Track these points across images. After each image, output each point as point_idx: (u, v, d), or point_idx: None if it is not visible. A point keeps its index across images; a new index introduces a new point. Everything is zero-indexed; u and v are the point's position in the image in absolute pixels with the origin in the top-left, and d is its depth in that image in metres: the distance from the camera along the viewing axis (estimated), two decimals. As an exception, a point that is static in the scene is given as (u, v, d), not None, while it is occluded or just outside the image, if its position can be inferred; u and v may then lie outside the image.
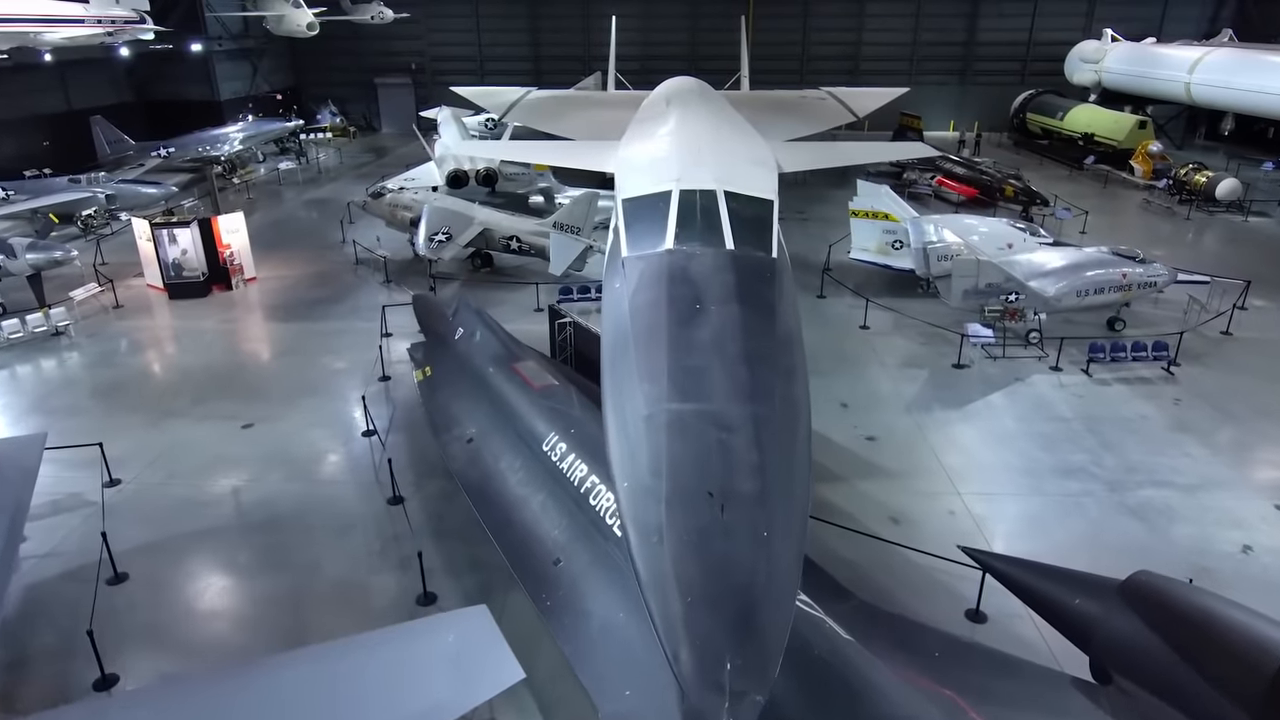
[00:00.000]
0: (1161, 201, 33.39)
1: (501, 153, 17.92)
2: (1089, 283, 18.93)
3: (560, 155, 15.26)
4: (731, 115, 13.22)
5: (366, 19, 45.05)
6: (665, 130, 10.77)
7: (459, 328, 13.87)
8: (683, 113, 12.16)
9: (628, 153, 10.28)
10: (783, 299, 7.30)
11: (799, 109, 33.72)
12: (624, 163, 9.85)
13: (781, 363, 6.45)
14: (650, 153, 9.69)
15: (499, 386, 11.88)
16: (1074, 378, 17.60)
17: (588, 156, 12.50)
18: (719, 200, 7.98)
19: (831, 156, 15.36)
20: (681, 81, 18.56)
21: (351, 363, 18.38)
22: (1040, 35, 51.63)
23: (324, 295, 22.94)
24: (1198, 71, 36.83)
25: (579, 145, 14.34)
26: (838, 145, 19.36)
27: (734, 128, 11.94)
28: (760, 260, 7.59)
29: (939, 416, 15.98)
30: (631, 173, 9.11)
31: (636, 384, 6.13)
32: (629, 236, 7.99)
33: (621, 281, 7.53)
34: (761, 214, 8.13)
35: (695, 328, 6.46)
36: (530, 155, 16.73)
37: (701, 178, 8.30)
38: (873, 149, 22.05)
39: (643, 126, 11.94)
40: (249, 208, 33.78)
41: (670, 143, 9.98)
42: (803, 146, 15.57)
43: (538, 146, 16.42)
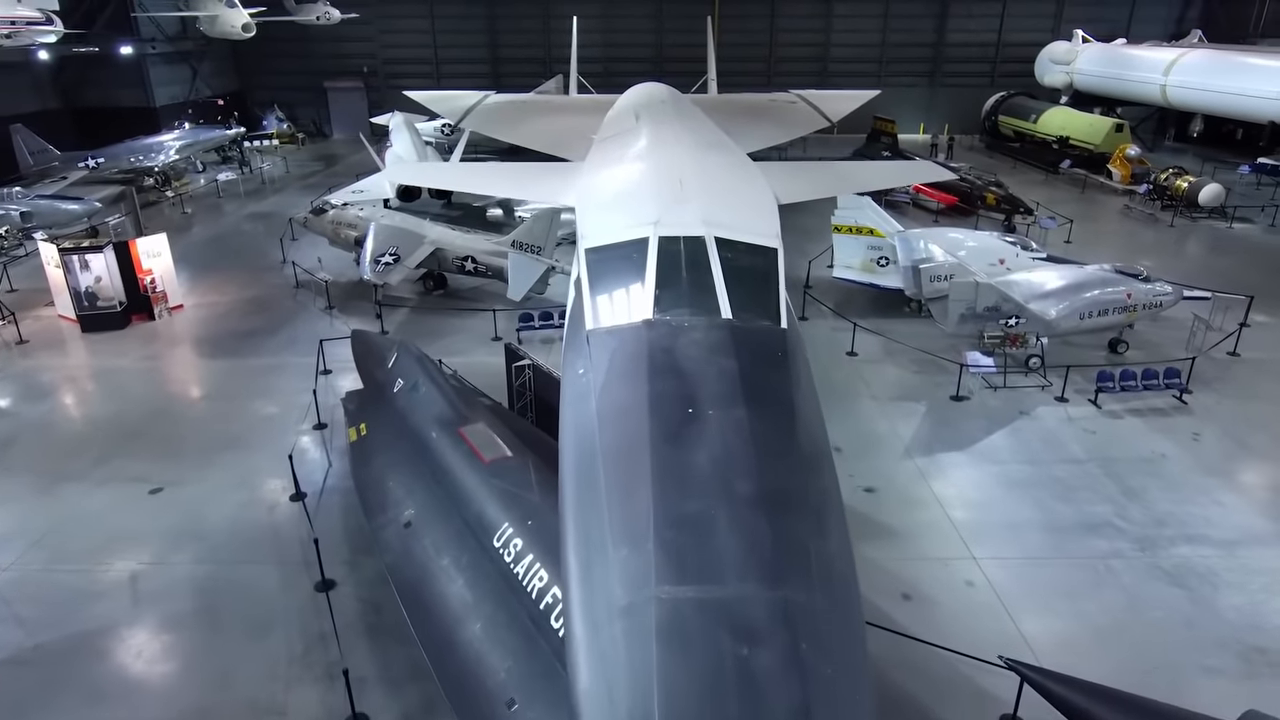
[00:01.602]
0: (1142, 208, 32.47)
1: (445, 181, 15.17)
2: (1092, 304, 17.55)
3: (512, 184, 13.28)
4: (713, 132, 11.48)
5: (312, 19, 42.59)
6: (636, 153, 9.01)
7: (398, 378, 11.93)
8: (656, 130, 10.41)
9: (592, 183, 8.48)
10: (802, 391, 5.54)
11: (770, 114, 32.10)
12: (588, 197, 8.05)
13: (813, 502, 4.68)
14: (619, 185, 7.94)
15: (443, 456, 9.98)
16: (1082, 409, 16.18)
17: (544, 185, 10.72)
18: (709, 250, 6.23)
19: (834, 182, 13.62)
20: (650, 89, 16.79)
21: (284, 407, 16.31)
22: (1009, 36, 50.88)
23: (258, 325, 20.75)
24: (1173, 73, 36.10)
25: (533, 170, 12.35)
26: (837, 167, 17.45)
27: (719, 149, 10.16)
28: (767, 334, 5.84)
29: (942, 461, 14.41)
30: (597, 211, 7.34)
31: (609, 548, 4.31)
32: (594, 300, 6.18)
33: (586, 366, 5.71)
34: (764, 267, 6.38)
35: (690, 449, 4.67)
36: (478, 184, 14.45)
37: (686, 220, 6.53)
38: (880, 171, 19.13)
39: (608, 147, 10.18)
40: (183, 224, 31.43)
41: (643, 171, 8.22)
42: (799, 170, 13.88)
43: (487, 172, 14.32)
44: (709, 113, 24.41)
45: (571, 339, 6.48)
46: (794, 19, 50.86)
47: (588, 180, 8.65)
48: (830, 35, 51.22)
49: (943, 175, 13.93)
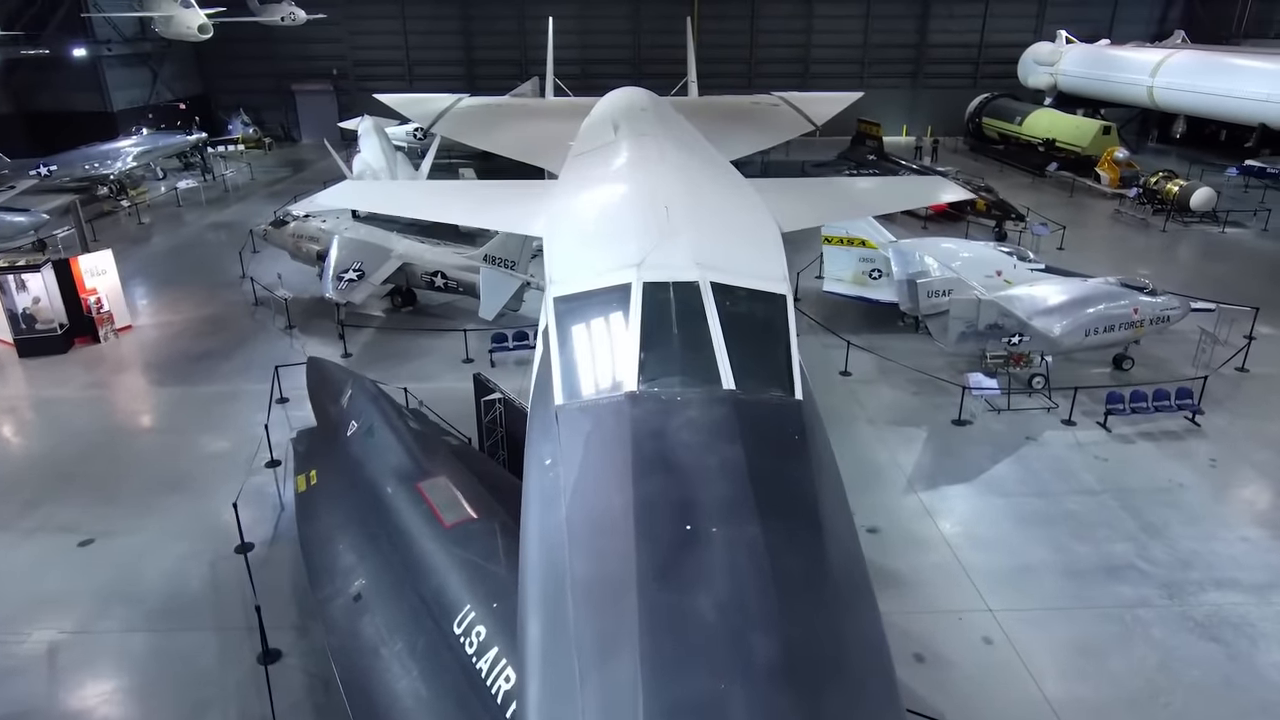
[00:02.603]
0: (1133, 212, 31.79)
1: (393, 205, 13.19)
2: (1097, 319, 16.66)
3: (471, 208, 11.74)
4: (701, 146, 10.38)
5: (276, 20, 41.00)
6: (614, 172, 7.87)
7: (352, 419, 10.71)
8: (637, 144, 9.25)
9: (563, 211, 7.33)
10: (828, 490, 4.41)
11: (754, 118, 31.09)
12: (558, 228, 6.90)
13: (855, 665, 3.55)
14: (595, 213, 6.80)
15: (399, 516, 8.79)
16: (1091, 434, 15.26)
17: (508, 210, 9.54)
18: (705, 299, 5.11)
19: (842, 204, 12.17)
20: (630, 95, 15.63)
21: (236, 441, 15.01)
22: (992, 37, 50.30)
23: (212, 347, 19.38)
24: (1160, 75, 35.54)
25: (497, 192, 11.11)
26: (840, 185, 15.75)
27: (710, 167, 9.03)
28: (780, 409, 4.73)
29: (948, 495, 13.41)
30: (568, 247, 6.21)
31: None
32: (565, 363, 5.03)
33: (554, 455, 4.56)
34: (771, 319, 5.27)
35: (689, 589, 3.54)
36: (432, 208, 12.65)
37: (675, 260, 5.41)
38: (892, 190, 16.48)
39: (583, 165, 9.04)
40: (139, 235, 29.88)
41: (623, 197, 7.07)
42: (799, 190, 12.60)
43: (443, 194, 12.85)
44: (691, 117, 23.28)
45: (538, 413, 5.32)
46: (775, 19, 49.97)
47: (559, 206, 7.51)
48: (811, 36, 50.38)
49: (960, 195, 12.84)
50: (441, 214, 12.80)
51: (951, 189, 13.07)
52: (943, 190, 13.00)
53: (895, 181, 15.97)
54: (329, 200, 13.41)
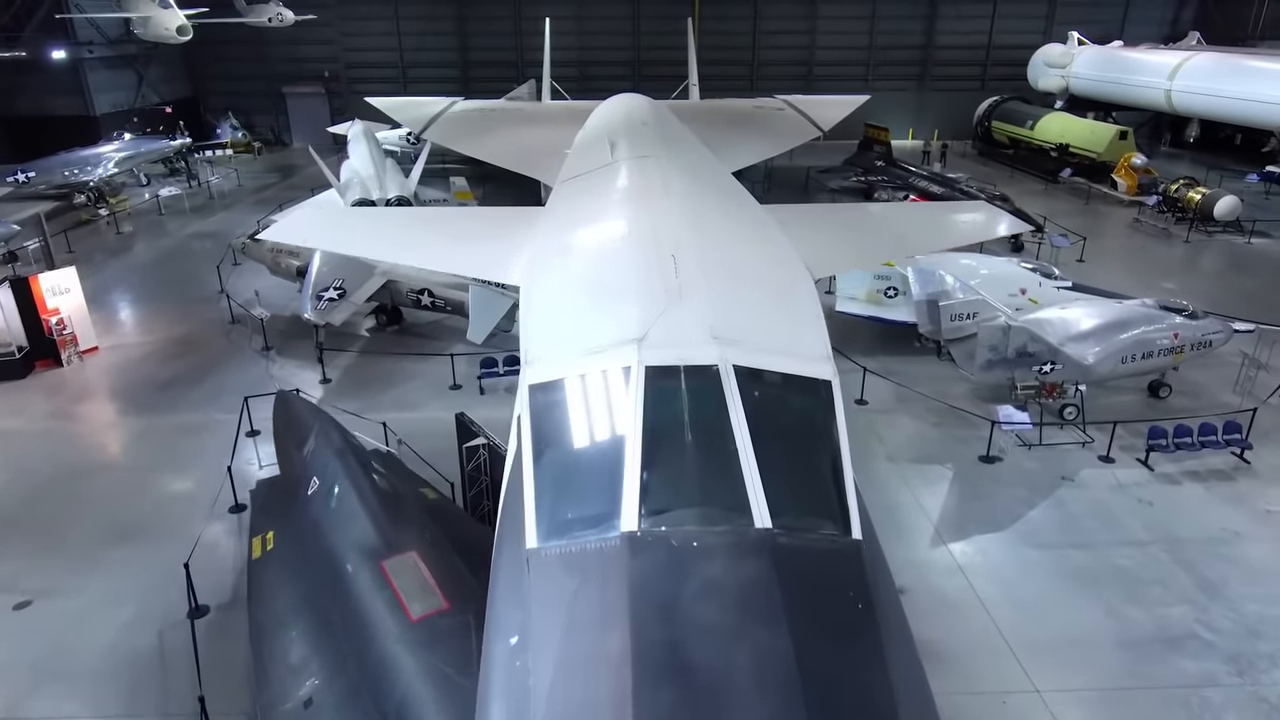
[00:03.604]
0: (1153, 221, 30.52)
1: (344, 241, 10.77)
2: (1134, 345, 15.41)
3: (439, 246, 9.89)
4: (712, 170, 9.08)
5: (263, 21, 39.71)
6: (609, 206, 6.61)
7: (313, 475, 9.46)
8: (637, 171, 7.92)
9: (544, 257, 6.07)
10: (909, 693, 3.17)
11: (757, 122, 29.85)
12: (537, 281, 5.64)
13: None
14: (584, 266, 5.54)
15: (359, 604, 7.53)
16: (1132, 472, 14.01)
17: (482, 250, 8.18)
18: (728, 391, 3.85)
19: (880, 242, 10.35)
20: (628, 104, 14.32)
21: (199, 480, 13.74)
22: (1000, 39, 49.05)
23: (182, 372, 18.10)
24: (1179, 78, 34.29)
25: (471, 224, 9.67)
26: (871, 215, 13.33)
27: (724, 199, 7.73)
28: (835, 559, 3.49)
29: (981, 546, 12.15)
30: (549, 311, 4.97)
31: None
32: (540, 484, 3.77)
33: (521, 629, 3.31)
34: (815, 417, 4.03)
35: None
36: (391, 246, 10.51)
37: (687, 333, 4.16)
38: (934, 222, 12.49)
39: (573, 195, 7.75)
40: (117, 246, 28.62)
41: (620, 242, 5.81)
42: (824, 221, 10.50)
43: (407, 227, 10.63)
44: (692, 123, 21.92)
45: (505, 555, 4.03)
46: (778, 20, 48.71)
47: (540, 251, 6.24)
48: (815, 38, 49.12)
49: (1017, 226, 11.48)
50: (403, 253, 10.73)
51: (1003, 218, 11.55)
52: (995, 221, 11.42)
53: (937, 210, 12.64)
54: (279, 232, 11.46)
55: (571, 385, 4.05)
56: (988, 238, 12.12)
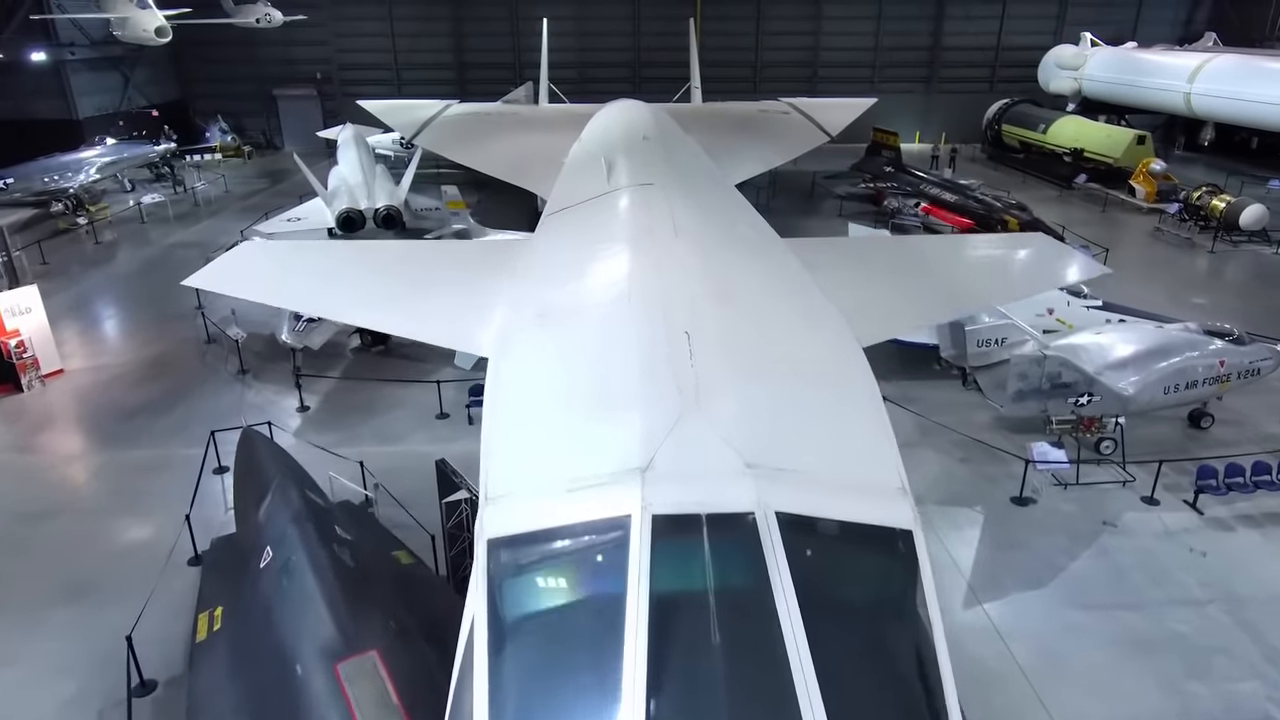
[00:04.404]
0: (1174, 230, 29.31)
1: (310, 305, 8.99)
2: (1177, 374, 14.21)
3: (401, 317, 8.18)
4: (724, 198, 7.87)
5: (251, 22, 38.53)
6: (602, 257, 5.35)
7: (266, 544, 8.25)
8: (639, 205, 6.65)
9: (517, 323, 4.84)
10: None
11: (763, 127, 28.65)
12: (505, 367, 4.40)
13: None
14: (565, 344, 4.30)
15: (307, 715, 6.32)
16: (1179, 516, 12.81)
17: (449, 318, 6.85)
18: (769, 551, 2.68)
19: (936, 299, 8.72)
20: (627, 114, 13.08)
21: (159, 526, 12.53)
22: (1009, 39, 47.87)
23: (150, 398, 16.91)
24: (1199, 80, 33.09)
25: (444, 272, 8.12)
26: (915, 255, 10.47)
27: (743, 238, 6.50)
28: None
29: (1020, 606, 10.95)
30: (518, 423, 3.76)
31: None
32: (497, 692, 2.60)
33: None
34: (892, 584, 2.86)
35: None
36: (350, 311, 8.85)
37: (709, 458, 3.03)
38: (995, 264, 10.57)
39: (559, 237, 6.50)
40: (94, 257, 27.44)
41: (616, 315, 4.56)
42: (864, 265, 8.51)
43: (368, 273, 8.91)
44: (696, 128, 20.63)
45: None
46: (782, 21, 47.53)
47: (513, 318, 4.99)
48: (820, 39, 47.93)
49: (1092, 269, 10.16)
50: (350, 310, 8.69)
51: (1072, 257, 9.99)
52: (1063, 260, 9.84)
53: (991, 248, 11.04)
54: (207, 280, 9.56)
55: (547, 542, 2.89)
56: (1060, 284, 10.61)
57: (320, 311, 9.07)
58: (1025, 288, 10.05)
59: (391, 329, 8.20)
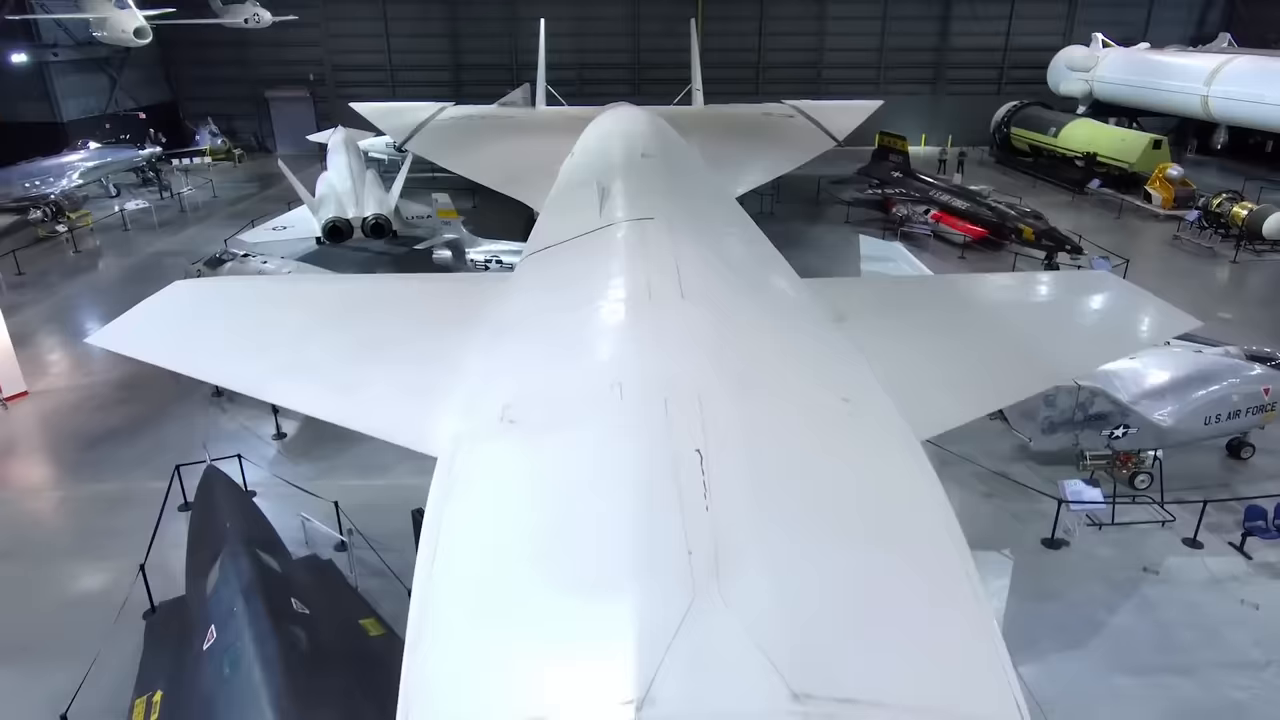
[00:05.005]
0: (1193, 238, 28.27)
1: (224, 376, 8.05)
2: (1218, 403, 13.19)
3: (335, 395, 6.88)
4: (737, 224, 6.82)
5: (239, 22, 37.50)
6: (587, 319, 4.26)
7: (211, 622, 7.22)
8: (636, 244, 5.50)
9: (473, 431, 3.77)
10: None
11: (768, 133, 27.61)
12: (449, 507, 3.35)
13: None
14: (531, 470, 3.26)
15: None
16: (1226, 562, 11.78)
17: (392, 401, 5.73)
18: None
19: (992, 365, 7.10)
20: (626, 123, 12.01)
21: (116, 574, 11.46)
22: (1018, 40, 46.79)
23: (117, 423, 15.88)
24: (1217, 83, 32.10)
25: (399, 327, 6.84)
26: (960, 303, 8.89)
27: (762, 288, 5.41)
28: None
29: (1059, 669, 9.91)
30: (458, 611, 2.72)
31: None
32: None
33: None
34: None
35: None
36: (272, 387, 7.44)
37: (736, 684, 1.99)
38: (1059, 320, 9.03)
39: (539, 286, 5.40)
40: (72, 266, 26.42)
41: (602, 414, 3.50)
42: (894, 311, 7.65)
43: (314, 331, 7.66)
44: (699, 132, 19.49)
45: None
46: (785, 21, 46.44)
47: (471, 416, 3.94)
48: (824, 39, 46.86)
49: (1186, 322, 8.88)
50: (272, 386, 7.26)
51: (1148, 304, 8.46)
52: (1144, 311, 8.32)
53: (1048, 288, 9.80)
54: (111, 340, 8.14)
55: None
56: (1150, 341, 9.35)
57: (239, 386, 7.47)
58: (1110, 348, 8.49)
59: (320, 412, 6.60)
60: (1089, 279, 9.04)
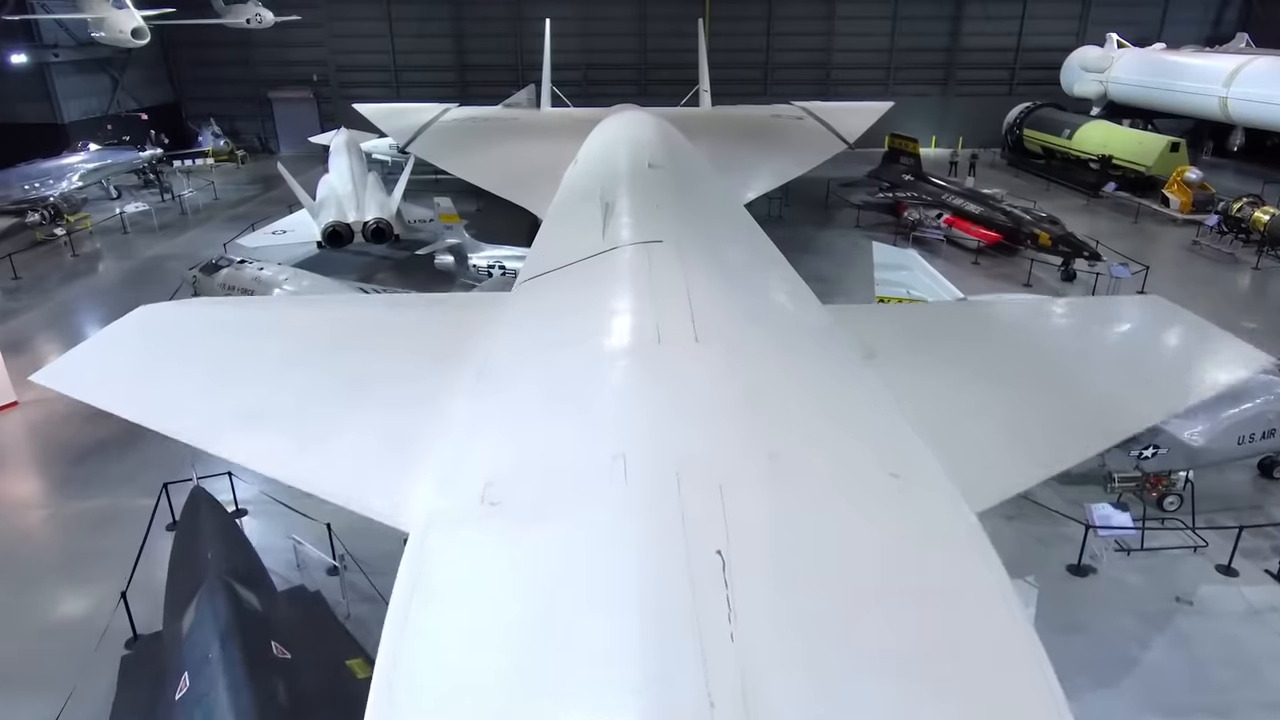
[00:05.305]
0: (1213, 244, 27.59)
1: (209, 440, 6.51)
2: (1253, 421, 12.59)
3: (293, 456, 6.03)
4: (755, 245, 6.25)
5: (241, 22, 37.08)
6: (586, 369, 3.69)
7: (185, 670, 6.72)
8: (642, 274, 4.85)
9: (450, 501, 3.26)
10: None
11: (777, 135, 27.06)
12: (420, 596, 2.87)
13: None
14: (513, 575, 2.72)
15: None
16: (1263, 591, 11.20)
17: (361, 479, 4.92)
18: None
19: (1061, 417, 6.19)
20: (632, 130, 11.47)
21: (99, 600, 10.99)
22: (1030, 40, 46.08)
23: (108, 435, 15.36)
24: (1237, 84, 31.39)
25: (379, 362, 6.26)
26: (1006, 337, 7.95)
27: (786, 327, 4.81)
28: None
29: (1091, 709, 9.35)
30: None
31: None
32: None
33: None
34: None
35: None
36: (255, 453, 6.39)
37: None
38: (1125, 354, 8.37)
39: (533, 324, 4.71)
40: (69, 271, 26.02)
41: (604, 495, 2.95)
42: (929, 346, 6.77)
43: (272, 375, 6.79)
44: (706, 134, 18.88)
45: None
46: (793, 21, 45.81)
47: (448, 491, 3.41)
48: (833, 39, 46.22)
49: (1256, 359, 8.20)
50: (230, 443, 6.35)
51: (1212, 337, 7.61)
52: (1211, 345, 7.44)
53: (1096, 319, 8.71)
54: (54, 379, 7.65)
55: None
56: (1221, 388, 8.61)
57: (192, 438, 6.43)
58: (1179, 391, 7.37)
59: (282, 474, 5.78)
60: (1142, 306, 7.92)
